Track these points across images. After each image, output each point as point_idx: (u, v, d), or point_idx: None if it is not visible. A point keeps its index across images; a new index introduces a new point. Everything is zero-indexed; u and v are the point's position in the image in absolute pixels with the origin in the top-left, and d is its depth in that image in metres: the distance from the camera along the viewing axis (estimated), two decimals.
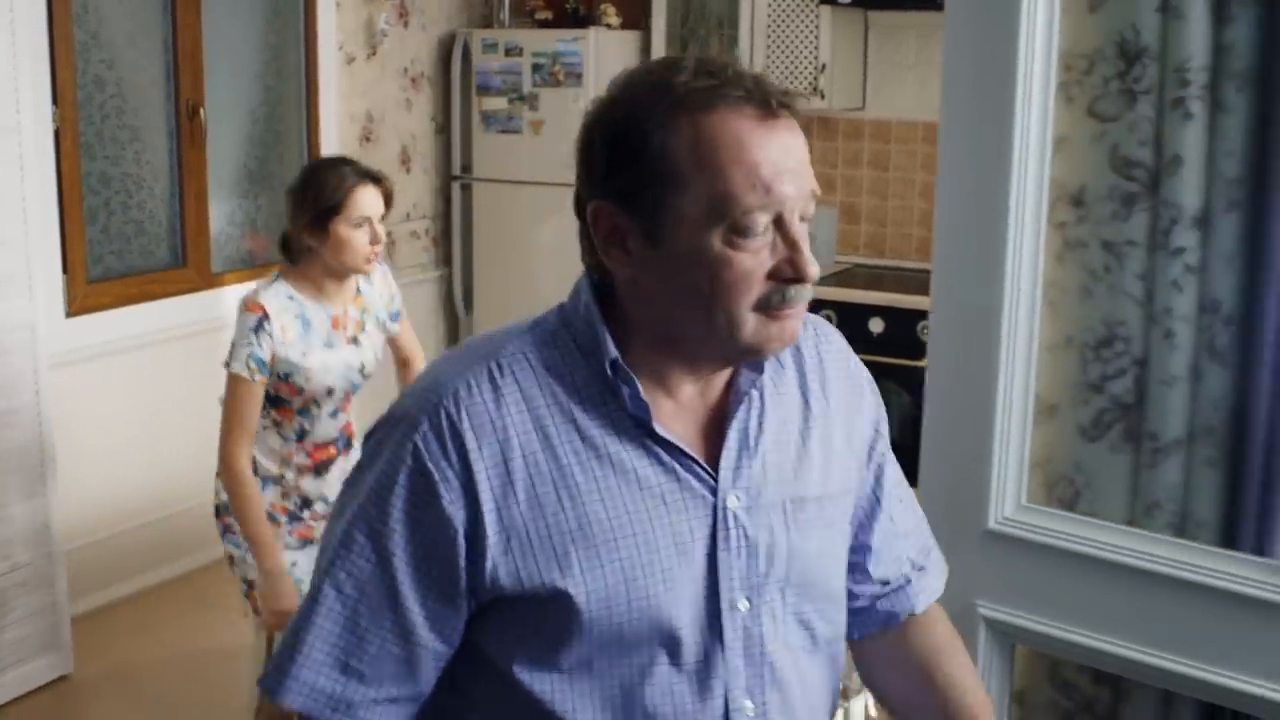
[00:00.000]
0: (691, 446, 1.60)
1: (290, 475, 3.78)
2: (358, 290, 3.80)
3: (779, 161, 1.48)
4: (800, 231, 1.51)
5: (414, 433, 1.55)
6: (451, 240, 6.98)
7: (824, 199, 6.52)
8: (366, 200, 3.62)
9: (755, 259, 1.49)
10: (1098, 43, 2.28)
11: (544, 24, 6.75)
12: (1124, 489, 2.43)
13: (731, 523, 1.60)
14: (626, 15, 6.63)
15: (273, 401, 3.69)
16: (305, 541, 3.81)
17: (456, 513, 1.53)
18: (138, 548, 5.38)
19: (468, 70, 6.72)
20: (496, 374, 1.57)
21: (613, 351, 1.57)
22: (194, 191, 5.63)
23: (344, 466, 3.83)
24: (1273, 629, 2.16)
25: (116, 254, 5.39)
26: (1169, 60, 2.22)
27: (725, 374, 1.64)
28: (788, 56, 6.24)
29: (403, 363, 4.10)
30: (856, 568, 1.80)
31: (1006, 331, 2.31)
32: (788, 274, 1.51)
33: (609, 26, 6.55)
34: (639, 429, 1.57)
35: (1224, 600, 2.21)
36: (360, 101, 6.43)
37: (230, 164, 5.86)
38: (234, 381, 3.59)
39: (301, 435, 3.77)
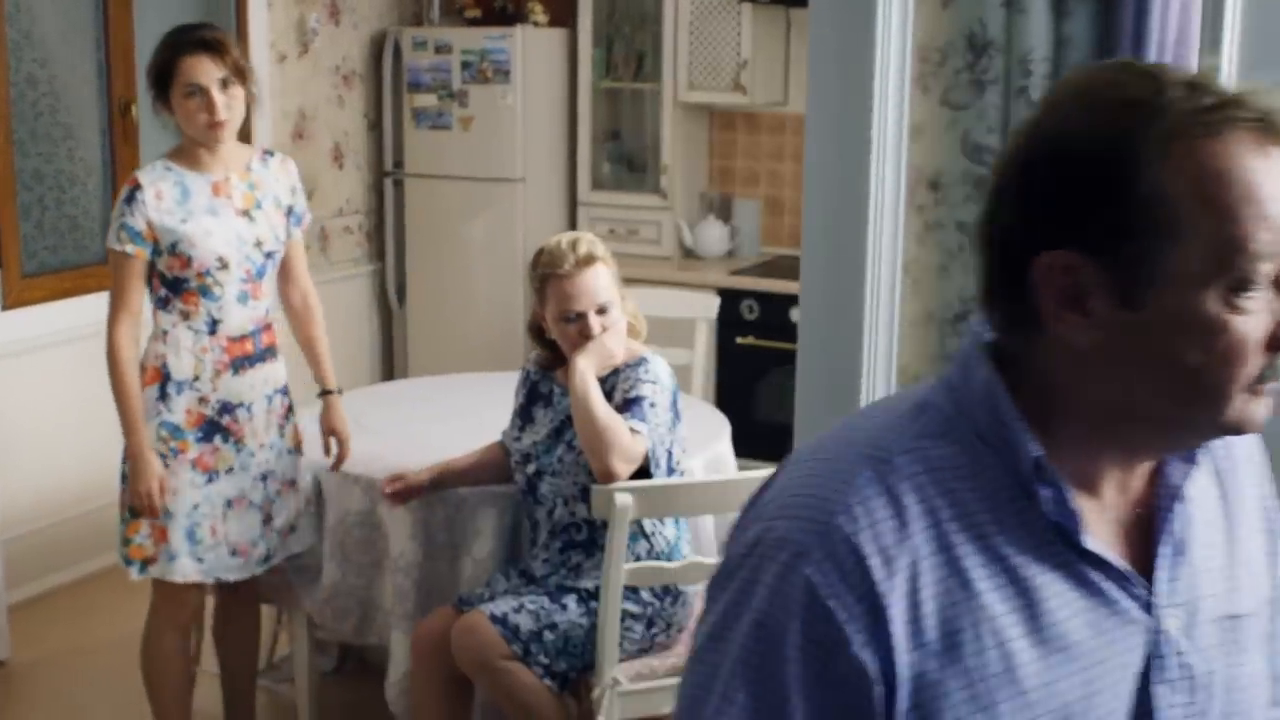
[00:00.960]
0: (1119, 557, 1.31)
1: (206, 376, 3.69)
2: (248, 167, 3.76)
3: None
4: None
5: (803, 563, 1.25)
6: (384, 235, 7.10)
7: (748, 192, 6.71)
8: (195, 68, 3.55)
9: (1253, 322, 1.22)
10: (949, 36, 2.44)
11: (473, 22, 6.87)
12: None
13: (1170, 649, 1.31)
14: (554, 13, 6.77)
15: (173, 287, 3.64)
16: (210, 474, 3.71)
17: (869, 659, 1.22)
18: (74, 537, 5.48)
19: (398, 68, 6.85)
20: (893, 481, 1.27)
21: (1035, 449, 1.28)
22: None
23: (265, 373, 3.78)
24: None
25: (51, 249, 5.50)
26: (1013, 52, 2.39)
27: (1149, 465, 1.35)
28: (710, 53, 6.39)
29: (284, 276, 3.94)
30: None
31: (869, 308, 2.47)
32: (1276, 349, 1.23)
33: (536, 24, 6.69)
34: (1060, 541, 1.29)
35: None
36: (292, 99, 6.55)
37: None
38: (111, 258, 3.61)
39: (213, 327, 3.68)
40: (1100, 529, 1.31)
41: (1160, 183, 1.20)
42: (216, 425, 3.72)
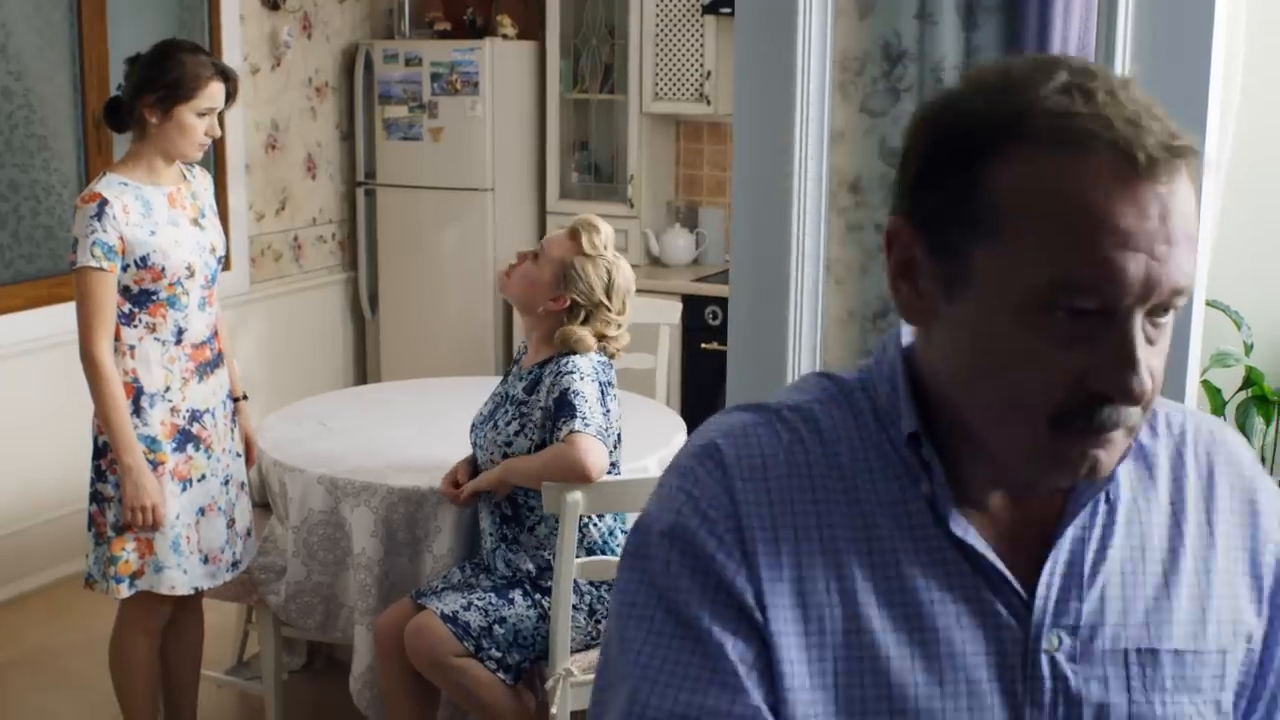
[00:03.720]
0: (1002, 559, 1.25)
1: (176, 385, 3.72)
2: (184, 177, 3.81)
3: (1137, 237, 1.10)
4: (1135, 334, 1.13)
5: (686, 481, 1.29)
6: (357, 244, 7.21)
7: (713, 201, 6.82)
8: (217, 95, 3.68)
9: (1061, 355, 1.14)
10: (867, 46, 2.56)
11: (443, 35, 6.98)
12: None
13: (1046, 670, 1.23)
14: (522, 26, 6.89)
15: (138, 301, 3.64)
16: (185, 483, 3.75)
17: (738, 562, 1.24)
18: (47, 542, 5.56)
19: (370, 80, 6.96)
20: (779, 425, 1.30)
21: (911, 423, 1.26)
22: None
23: (222, 378, 3.88)
24: None
25: (26, 258, 5.60)
26: (926, 61, 2.51)
27: None
28: (675, 64, 6.52)
29: None
30: None
31: (794, 306, 2.59)
32: (1100, 387, 1.14)
33: (505, 37, 6.80)
34: (937, 527, 1.25)
35: None
36: (265, 110, 6.65)
37: None
38: (83, 276, 3.56)
39: (179, 336, 3.72)
40: (984, 528, 1.26)
41: (998, 183, 1.14)
42: (188, 434, 3.76)
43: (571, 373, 3.51)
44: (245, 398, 4.10)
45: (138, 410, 3.67)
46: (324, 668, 4.77)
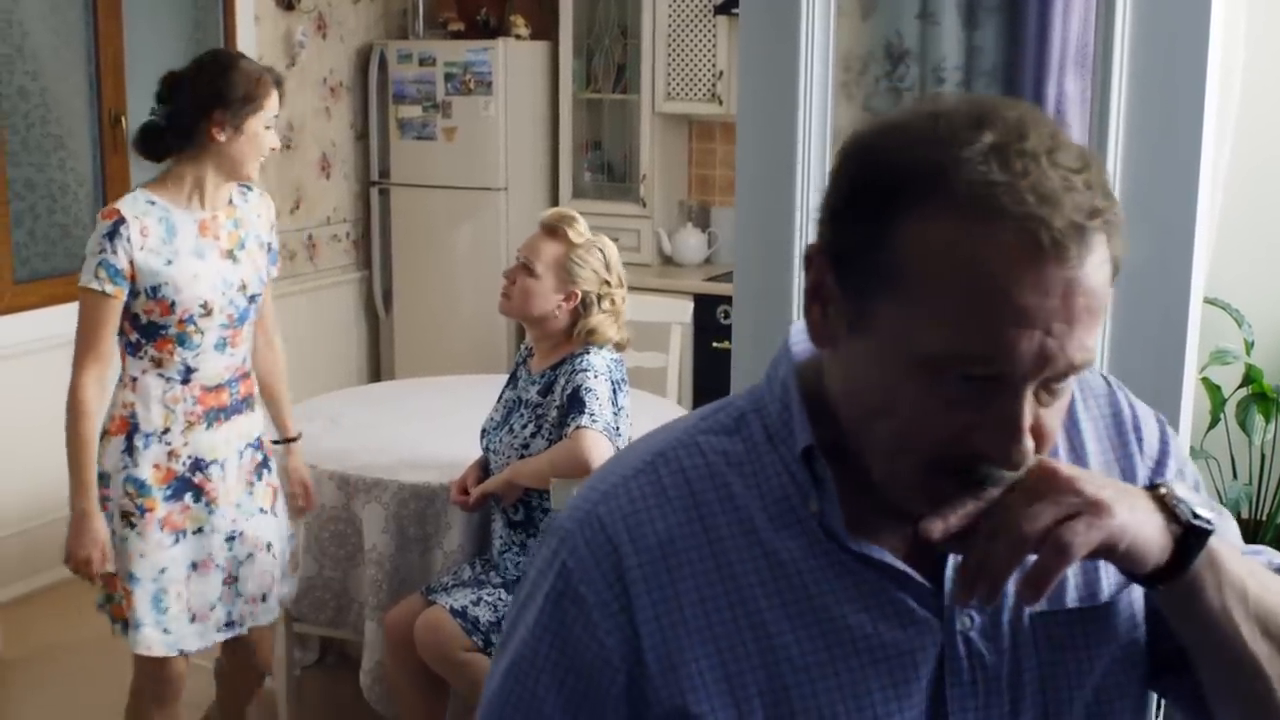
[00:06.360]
0: (905, 557, 1.27)
1: (177, 429, 3.41)
2: (231, 202, 3.50)
3: (1035, 314, 1.10)
4: (1023, 404, 1.14)
5: (564, 548, 1.30)
6: (371, 243, 7.25)
7: (726, 200, 6.84)
8: (276, 101, 3.45)
9: (949, 413, 1.15)
10: (869, 46, 2.58)
11: (456, 35, 7.01)
12: None
13: (962, 650, 1.27)
14: (536, 26, 6.92)
15: (146, 333, 3.35)
16: (177, 535, 3.43)
17: (614, 645, 1.26)
18: (61, 538, 5.57)
19: (384, 80, 7.01)
20: (665, 472, 1.30)
21: (806, 437, 1.26)
22: (117, 196, 5.81)
23: (243, 427, 3.55)
24: None
25: (42, 256, 5.64)
26: (928, 61, 2.53)
27: None
28: (688, 64, 6.54)
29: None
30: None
31: (797, 306, 2.60)
32: (982, 448, 1.16)
33: (519, 37, 6.84)
34: (832, 540, 1.26)
35: None
36: (281, 110, 6.66)
37: (152, 170, 6.08)
38: (83, 296, 3.28)
39: (187, 375, 3.40)
40: (884, 527, 1.27)
41: (906, 241, 1.13)
42: (187, 483, 3.44)
43: (586, 370, 3.54)
44: (298, 437, 3.85)
45: (130, 449, 3.40)
46: (336, 663, 4.80)
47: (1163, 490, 1.24)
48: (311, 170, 6.89)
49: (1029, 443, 1.15)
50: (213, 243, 3.42)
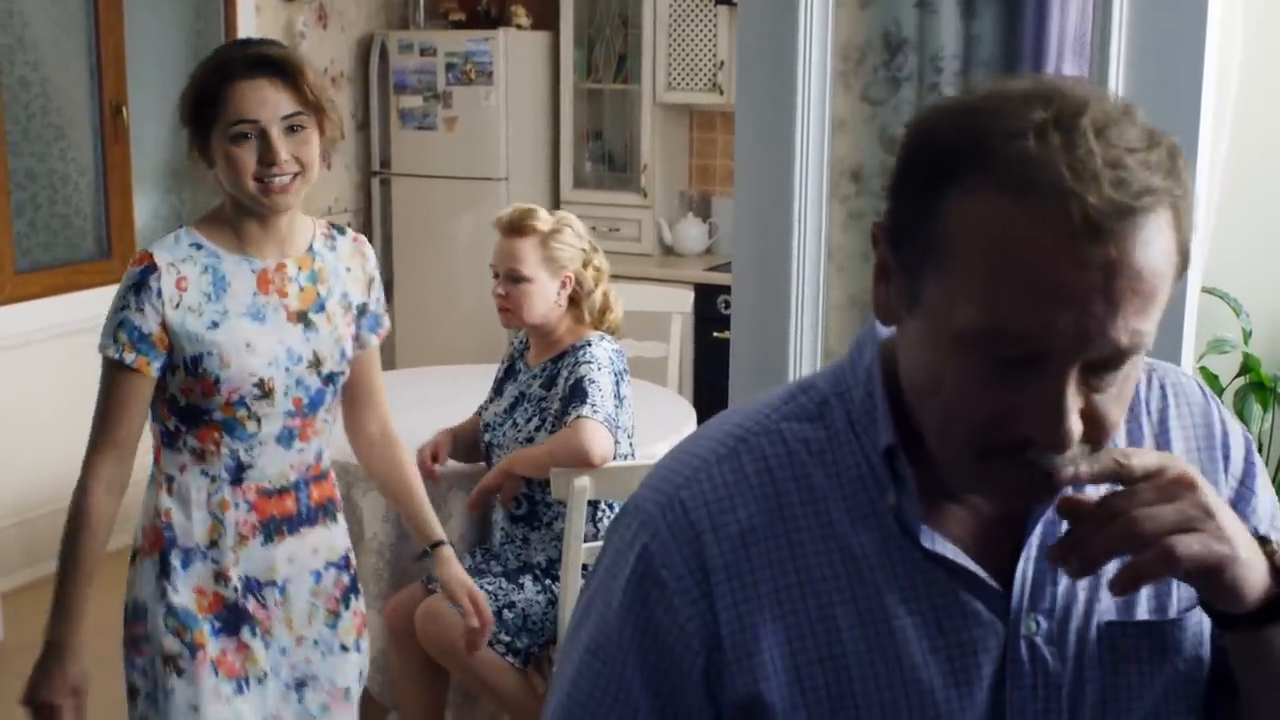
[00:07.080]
0: (977, 556, 1.26)
1: (228, 543, 2.61)
2: (310, 250, 2.65)
3: (1069, 291, 1.08)
4: (1065, 384, 1.11)
5: (644, 531, 1.28)
6: (372, 233, 7.24)
7: (727, 191, 6.83)
8: (249, 98, 2.43)
9: (989, 393, 1.14)
10: (867, 35, 2.59)
11: (457, 25, 7.03)
12: None
13: (1025, 654, 1.26)
14: (536, 16, 6.93)
15: (187, 418, 2.56)
16: (239, 682, 2.62)
17: (695, 629, 1.25)
18: (60, 529, 5.61)
19: (385, 70, 7.01)
20: (744, 457, 1.29)
21: (889, 436, 1.25)
22: (118, 186, 5.90)
23: (313, 541, 2.73)
24: None
25: (43, 246, 5.65)
26: (926, 50, 2.54)
27: None
28: (688, 54, 6.54)
29: (354, 401, 2.89)
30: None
31: (796, 293, 2.62)
32: (1023, 429, 1.13)
33: (519, 27, 6.84)
34: (908, 537, 1.25)
35: None
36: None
37: (154, 160, 6.12)
38: (103, 367, 2.54)
39: (238, 474, 2.60)
40: (959, 525, 1.27)
41: (952, 214, 1.11)
42: (240, 611, 2.64)
43: (589, 362, 3.54)
44: (444, 542, 2.99)
45: (166, 570, 2.61)
46: None
47: (1272, 548, 1.22)
48: None
49: (1073, 424, 1.12)
50: (277, 301, 2.58)
